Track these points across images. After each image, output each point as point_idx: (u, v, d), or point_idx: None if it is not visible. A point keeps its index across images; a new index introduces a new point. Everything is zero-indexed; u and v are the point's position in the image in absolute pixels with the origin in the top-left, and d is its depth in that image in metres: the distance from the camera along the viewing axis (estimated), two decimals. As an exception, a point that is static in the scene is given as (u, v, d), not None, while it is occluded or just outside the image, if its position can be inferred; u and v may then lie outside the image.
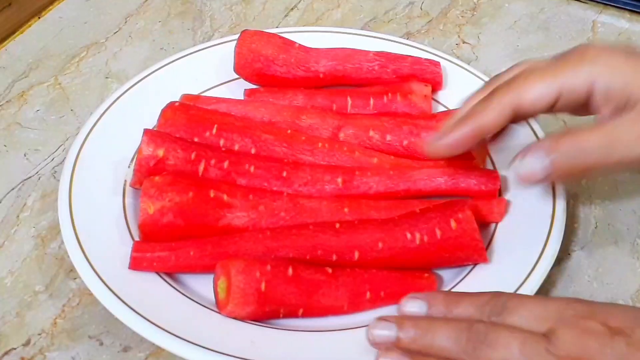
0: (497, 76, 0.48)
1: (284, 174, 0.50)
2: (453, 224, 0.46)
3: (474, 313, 0.39)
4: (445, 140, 0.45)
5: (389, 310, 0.45)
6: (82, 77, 0.65)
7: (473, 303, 0.40)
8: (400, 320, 0.40)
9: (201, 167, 0.49)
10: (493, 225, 0.50)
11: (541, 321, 0.37)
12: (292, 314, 0.44)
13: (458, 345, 0.37)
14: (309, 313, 0.44)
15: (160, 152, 0.49)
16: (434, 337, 0.38)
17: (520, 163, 0.43)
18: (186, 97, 0.57)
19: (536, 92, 0.42)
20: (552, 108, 0.43)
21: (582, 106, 0.43)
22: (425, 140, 0.46)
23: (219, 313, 0.44)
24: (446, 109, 0.58)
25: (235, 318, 0.44)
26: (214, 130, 0.52)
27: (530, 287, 0.44)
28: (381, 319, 0.40)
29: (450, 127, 0.45)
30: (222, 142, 0.52)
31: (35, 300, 0.48)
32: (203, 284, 0.46)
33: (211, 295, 0.45)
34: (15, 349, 0.45)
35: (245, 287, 0.43)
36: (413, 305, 0.41)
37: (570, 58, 0.43)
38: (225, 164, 0.50)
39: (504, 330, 0.37)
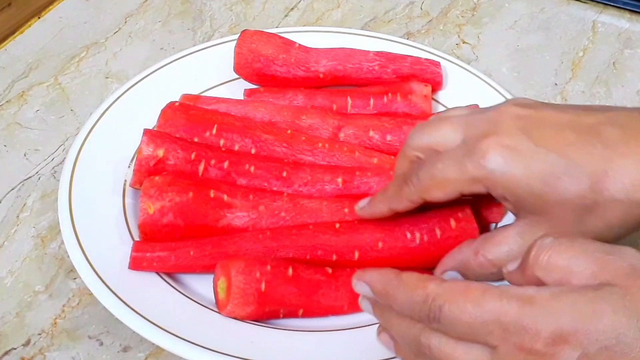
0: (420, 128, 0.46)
1: (284, 174, 0.50)
2: (453, 223, 0.46)
3: (412, 313, 0.34)
4: (363, 211, 0.47)
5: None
6: (82, 77, 0.65)
7: (409, 300, 0.34)
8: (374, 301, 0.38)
9: (201, 167, 0.49)
10: (493, 225, 0.50)
11: (480, 333, 0.32)
12: (292, 314, 0.44)
13: (407, 343, 0.35)
14: (309, 313, 0.44)
15: (160, 152, 0.49)
16: (392, 326, 0.36)
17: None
18: (186, 97, 0.57)
19: (438, 196, 0.43)
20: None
21: None
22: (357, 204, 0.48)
23: (219, 313, 0.44)
24: (446, 109, 0.58)
25: (235, 318, 0.44)
26: (214, 130, 0.52)
27: (530, 287, 0.44)
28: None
29: (372, 200, 0.47)
30: (222, 142, 0.52)
31: (35, 300, 0.48)
32: (203, 284, 0.46)
33: (211, 295, 0.45)
34: (15, 349, 0.45)
35: (245, 287, 0.43)
36: (360, 286, 0.38)
37: (472, 154, 0.41)
38: (225, 164, 0.50)
39: (439, 351, 0.33)
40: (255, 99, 0.58)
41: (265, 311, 0.44)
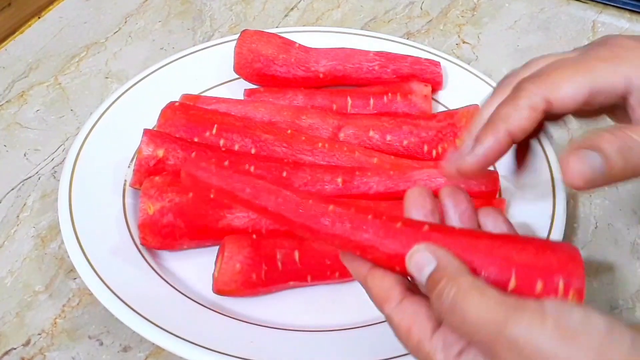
0: (513, 74, 0.39)
1: (284, 174, 0.50)
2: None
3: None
4: (474, 155, 0.36)
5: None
6: (82, 77, 0.65)
7: (374, 301, 0.37)
8: None
9: (201, 167, 0.49)
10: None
11: None
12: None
13: None
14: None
15: (160, 152, 0.49)
16: None
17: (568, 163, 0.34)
18: (186, 97, 0.57)
19: (569, 87, 0.35)
20: (578, 109, 0.36)
21: (609, 108, 0.37)
22: (446, 161, 0.38)
23: (219, 313, 0.44)
24: (446, 109, 0.58)
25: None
26: (214, 130, 0.52)
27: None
28: None
29: (474, 138, 0.37)
30: (222, 142, 0.52)
31: (35, 300, 0.48)
32: (203, 284, 0.46)
33: (211, 295, 0.45)
34: (15, 349, 0.45)
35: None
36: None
37: (601, 53, 0.36)
38: (225, 164, 0.50)
39: None
40: (255, 99, 0.58)
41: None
